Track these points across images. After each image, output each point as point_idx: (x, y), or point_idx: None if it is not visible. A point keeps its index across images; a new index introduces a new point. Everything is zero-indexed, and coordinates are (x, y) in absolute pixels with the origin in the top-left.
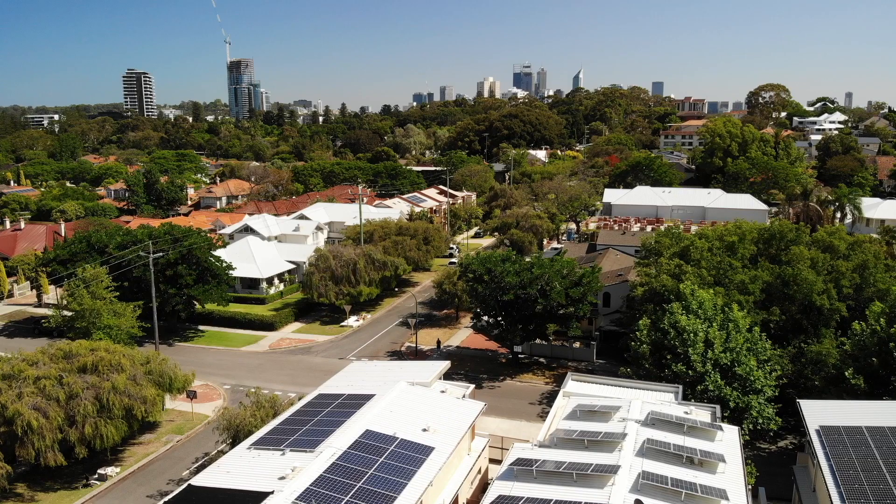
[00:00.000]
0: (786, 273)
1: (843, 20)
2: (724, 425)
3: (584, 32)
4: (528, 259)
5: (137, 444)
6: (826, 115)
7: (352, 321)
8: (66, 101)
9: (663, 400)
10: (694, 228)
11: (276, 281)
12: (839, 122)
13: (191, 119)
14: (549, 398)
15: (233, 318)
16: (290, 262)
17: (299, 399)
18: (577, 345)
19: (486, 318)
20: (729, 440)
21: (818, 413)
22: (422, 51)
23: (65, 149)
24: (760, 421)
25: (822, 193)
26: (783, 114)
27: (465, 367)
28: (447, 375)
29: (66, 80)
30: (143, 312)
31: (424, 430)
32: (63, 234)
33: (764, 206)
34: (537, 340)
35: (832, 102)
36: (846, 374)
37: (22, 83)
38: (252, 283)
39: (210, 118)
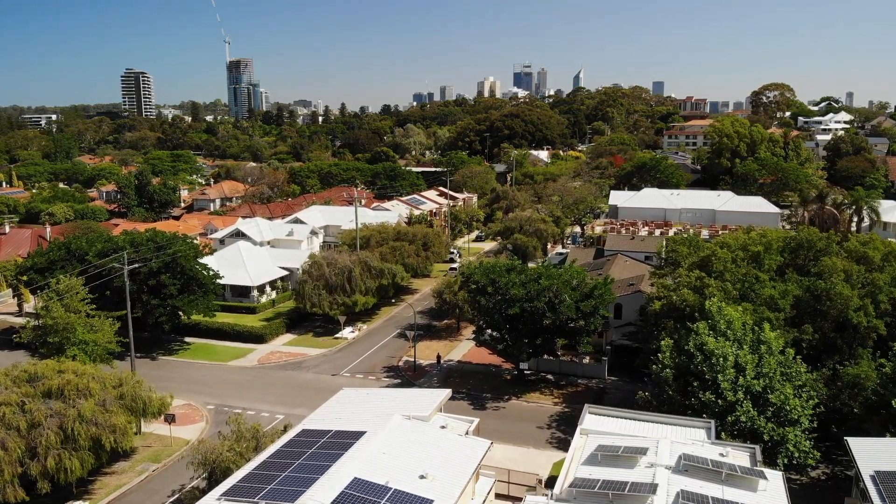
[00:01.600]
0: (818, 287)
1: (843, 20)
2: (767, 471)
3: (584, 32)
4: (533, 266)
5: (109, 474)
6: (831, 114)
7: (346, 333)
8: (67, 101)
9: (694, 438)
10: (705, 232)
11: (267, 289)
12: (845, 122)
13: (189, 119)
14: (559, 421)
15: (220, 329)
16: (284, 268)
17: (285, 430)
18: (587, 360)
19: (489, 331)
20: (774, 490)
21: (871, 455)
22: (422, 51)
23: (59, 149)
24: (797, 455)
25: (837, 196)
26: (787, 113)
27: (468, 384)
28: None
29: (67, 80)
30: (126, 324)
31: (422, 477)
32: (48, 239)
33: (776, 209)
34: (545, 356)
35: (837, 102)
36: (893, 402)
37: (22, 84)
38: (242, 292)
39: (209, 118)
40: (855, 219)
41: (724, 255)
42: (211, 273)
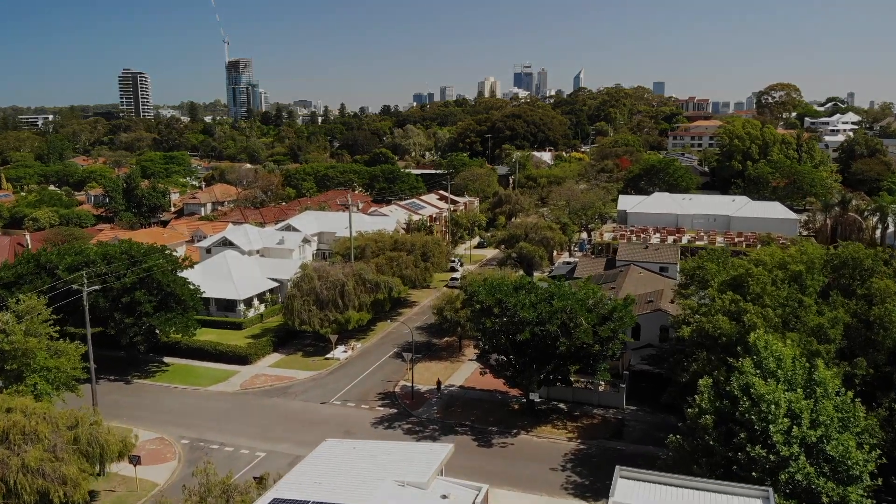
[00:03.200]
0: (871, 314)
1: (842, 20)
2: None
3: (584, 32)
4: (538, 276)
5: None
6: (838, 115)
7: (338, 353)
8: (66, 101)
9: None
10: (720, 239)
11: (255, 302)
12: (853, 123)
13: (187, 119)
14: (574, 461)
15: (202, 349)
16: (273, 279)
17: (259, 485)
18: (602, 387)
19: (494, 356)
20: None
21: None
22: (422, 51)
23: (52, 150)
24: None
25: (860, 202)
26: (793, 114)
27: (471, 414)
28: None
29: (67, 81)
30: (102, 341)
31: None
32: (28, 246)
33: (794, 216)
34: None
35: (843, 102)
36: None
37: (22, 84)
38: (228, 305)
39: (208, 118)
40: (879, 226)
41: (759, 275)
42: (191, 288)
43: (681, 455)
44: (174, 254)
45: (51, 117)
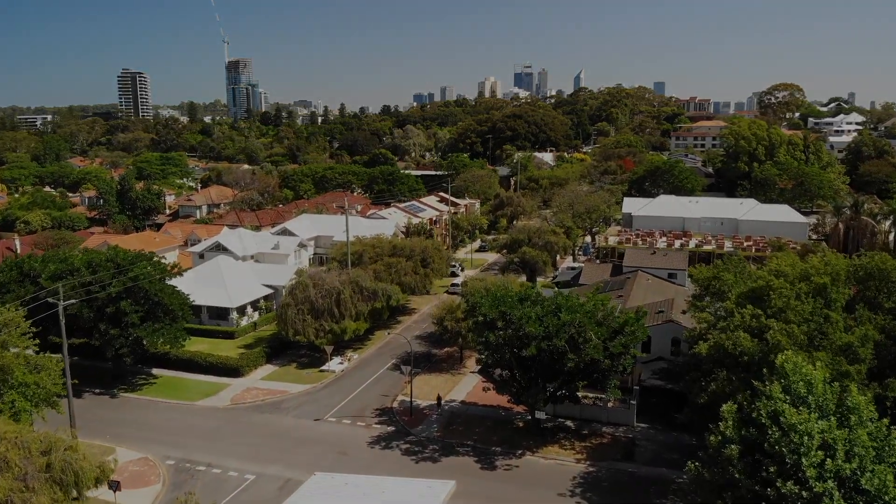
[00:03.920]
0: None
1: (843, 19)
2: None
3: (584, 32)
4: (541, 282)
5: None
6: (842, 115)
7: (334, 365)
8: (66, 102)
9: None
10: (728, 244)
11: (249, 309)
12: (857, 124)
13: (186, 119)
14: (584, 485)
15: (192, 360)
16: (268, 285)
17: None
18: (611, 403)
19: (498, 371)
20: None
21: None
22: (422, 51)
23: (49, 151)
24: None
25: (873, 206)
26: (796, 114)
27: (473, 433)
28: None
29: (67, 81)
30: (87, 351)
31: None
32: (17, 251)
33: (803, 219)
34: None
35: (846, 103)
36: None
37: (22, 84)
38: (221, 313)
39: (208, 119)
40: (893, 231)
41: (781, 287)
42: (180, 298)
43: (700, 485)
44: (163, 260)
45: (49, 117)
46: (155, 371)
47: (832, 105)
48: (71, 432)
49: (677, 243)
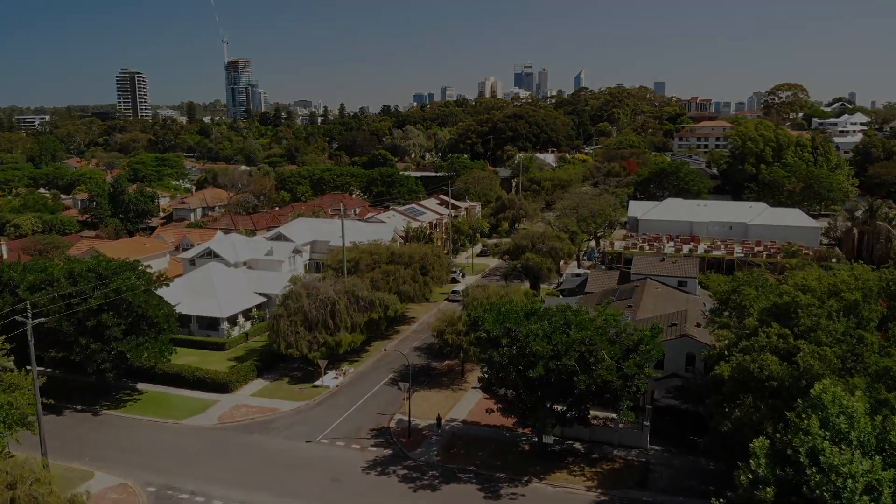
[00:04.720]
0: None
1: (843, 20)
2: None
3: (585, 33)
4: (548, 294)
5: None
6: (846, 116)
7: (328, 379)
8: (66, 102)
9: None
10: (738, 250)
11: (241, 319)
12: (862, 124)
13: (185, 120)
14: None
15: (179, 374)
16: (261, 293)
17: None
18: (623, 424)
19: (503, 390)
20: None
21: None
22: (422, 51)
23: (44, 152)
24: None
25: (888, 209)
26: (800, 115)
27: (475, 457)
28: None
29: (67, 81)
30: (70, 365)
31: None
32: (3, 256)
33: (815, 223)
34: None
35: (850, 103)
36: None
37: (22, 84)
38: (211, 324)
39: (207, 119)
40: None
41: (809, 304)
42: (166, 310)
43: None
44: (149, 269)
45: (47, 118)
46: (140, 386)
47: (836, 105)
48: (41, 461)
49: (685, 248)
